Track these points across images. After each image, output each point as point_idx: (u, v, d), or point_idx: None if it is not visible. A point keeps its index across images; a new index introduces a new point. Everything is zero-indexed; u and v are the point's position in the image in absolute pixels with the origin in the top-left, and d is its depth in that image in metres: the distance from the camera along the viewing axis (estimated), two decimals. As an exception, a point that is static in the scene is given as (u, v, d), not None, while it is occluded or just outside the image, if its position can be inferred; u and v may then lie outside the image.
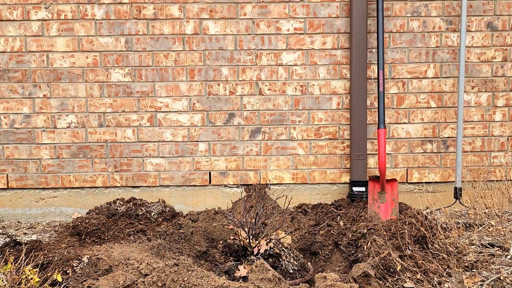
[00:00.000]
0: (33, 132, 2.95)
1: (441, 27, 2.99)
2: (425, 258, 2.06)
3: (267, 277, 1.77)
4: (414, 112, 3.04)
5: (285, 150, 3.03)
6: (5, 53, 2.90)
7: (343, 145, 3.04)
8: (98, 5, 2.89)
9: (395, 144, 3.05)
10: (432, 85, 3.02)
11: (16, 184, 2.97)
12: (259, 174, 3.03)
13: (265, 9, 2.94)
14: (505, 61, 3.03)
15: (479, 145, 3.07)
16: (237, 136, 3.01)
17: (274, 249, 2.12)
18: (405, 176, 3.07)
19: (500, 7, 2.99)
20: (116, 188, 2.99)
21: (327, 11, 2.96)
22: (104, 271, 1.92)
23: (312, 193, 3.06)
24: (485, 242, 2.36)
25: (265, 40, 2.96)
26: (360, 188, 2.95)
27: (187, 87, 2.97)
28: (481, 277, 1.96)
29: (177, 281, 1.71)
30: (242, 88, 2.98)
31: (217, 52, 2.95)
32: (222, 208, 2.97)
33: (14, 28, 2.89)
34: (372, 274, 1.89)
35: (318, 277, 1.89)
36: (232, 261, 2.07)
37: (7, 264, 1.79)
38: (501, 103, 3.05)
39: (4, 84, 2.92)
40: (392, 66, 3.00)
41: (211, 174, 3.03)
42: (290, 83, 2.99)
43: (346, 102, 3.02)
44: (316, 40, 2.97)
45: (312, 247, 2.43)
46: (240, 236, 2.16)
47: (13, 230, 2.78)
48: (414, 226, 2.22)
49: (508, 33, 3.01)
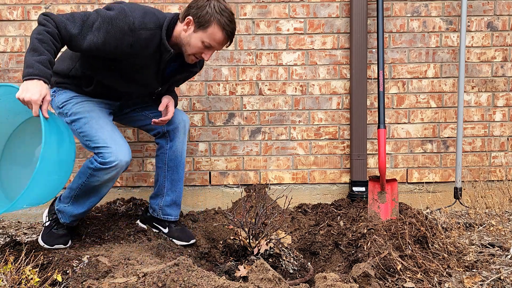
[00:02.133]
0: (33, 132, 2.95)
1: (441, 27, 2.99)
2: (425, 258, 2.06)
3: (267, 277, 1.77)
4: (414, 112, 3.04)
5: (285, 150, 3.03)
6: (5, 53, 2.90)
7: (343, 145, 3.04)
8: (98, 5, 2.89)
9: (395, 144, 3.05)
10: (432, 85, 3.02)
11: (16, 184, 2.97)
12: (259, 174, 3.03)
13: (265, 9, 2.94)
14: (505, 61, 3.03)
15: (479, 145, 3.07)
16: (237, 136, 3.01)
17: (274, 249, 2.12)
18: (405, 176, 3.07)
19: (500, 7, 2.99)
20: (116, 188, 2.98)
21: (327, 11, 2.96)
22: (104, 271, 1.92)
23: (312, 193, 3.06)
24: (485, 242, 2.36)
25: (265, 40, 2.96)
26: (360, 188, 2.95)
27: (187, 87, 2.97)
28: (481, 277, 1.96)
29: (177, 281, 1.71)
30: (242, 88, 2.98)
31: (217, 52, 2.95)
32: (222, 208, 2.97)
33: (14, 28, 2.89)
34: (372, 274, 1.89)
35: (318, 277, 1.89)
36: (232, 261, 2.07)
37: (7, 264, 1.79)
38: (501, 103, 3.05)
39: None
40: (392, 66, 3.00)
41: (211, 174, 3.03)
42: (290, 83, 2.99)
43: (346, 102, 3.02)
44: (316, 40, 2.97)
45: (312, 247, 2.43)
46: (240, 236, 2.17)
47: (13, 230, 2.78)
48: (414, 226, 2.22)
49: (508, 33, 3.01)
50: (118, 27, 1.99)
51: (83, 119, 2.19)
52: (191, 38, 2.09)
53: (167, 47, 2.09)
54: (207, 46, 2.10)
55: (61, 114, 2.27)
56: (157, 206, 2.50)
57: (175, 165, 2.46)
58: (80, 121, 2.19)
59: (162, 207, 2.50)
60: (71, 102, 2.24)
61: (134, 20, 2.01)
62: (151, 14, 2.09)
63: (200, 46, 2.09)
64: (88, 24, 1.97)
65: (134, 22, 2.01)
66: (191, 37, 2.09)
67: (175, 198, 2.49)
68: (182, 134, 2.46)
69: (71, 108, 2.23)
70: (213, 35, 2.06)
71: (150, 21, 2.06)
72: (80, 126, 2.18)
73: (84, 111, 2.21)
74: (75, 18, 1.97)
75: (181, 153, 2.47)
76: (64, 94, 2.27)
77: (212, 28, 2.04)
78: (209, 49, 2.12)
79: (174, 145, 2.45)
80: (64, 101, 2.25)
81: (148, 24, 2.05)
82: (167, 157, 2.45)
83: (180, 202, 2.53)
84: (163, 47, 2.09)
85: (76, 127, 2.20)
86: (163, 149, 2.47)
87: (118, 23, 1.99)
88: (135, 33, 2.02)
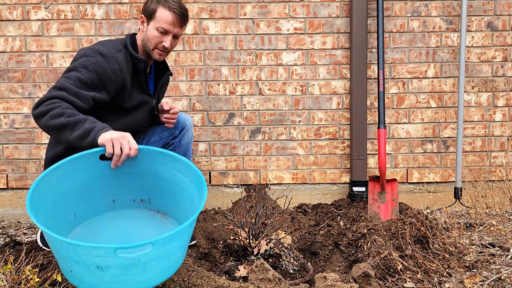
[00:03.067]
0: (33, 132, 2.95)
1: (441, 27, 2.99)
2: (426, 258, 2.06)
3: (267, 277, 1.77)
4: (414, 112, 3.03)
5: (285, 150, 3.03)
6: (5, 53, 2.90)
7: (343, 145, 3.04)
8: (98, 5, 2.89)
9: (395, 144, 3.05)
10: (432, 85, 3.02)
11: (16, 184, 2.97)
12: (259, 174, 3.03)
13: (265, 9, 2.94)
14: (505, 61, 3.02)
15: (479, 145, 3.07)
16: (237, 136, 3.01)
17: (274, 249, 2.12)
18: (405, 176, 3.07)
19: (500, 7, 2.99)
20: (116, 188, 2.98)
21: (327, 11, 2.96)
22: (104, 271, 1.91)
23: (312, 193, 3.06)
24: (485, 242, 2.36)
25: (265, 40, 2.96)
26: (360, 188, 2.95)
27: (187, 87, 2.97)
28: (481, 277, 1.96)
29: (177, 281, 1.71)
30: (242, 88, 2.98)
31: (217, 52, 2.95)
32: (222, 208, 2.97)
33: (14, 28, 2.89)
34: (372, 274, 1.89)
35: (318, 277, 1.88)
36: (232, 261, 2.07)
37: (7, 264, 1.79)
38: (501, 103, 3.05)
39: (4, 84, 2.92)
40: (392, 66, 3.00)
41: (211, 174, 3.02)
42: (290, 83, 2.99)
43: (346, 102, 3.01)
44: (316, 40, 2.97)
45: (312, 247, 2.42)
46: (240, 236, 2.16)
47: (13, 230, 2.78)
48: (414, 226, 2.22)
49: (508, 33, 3.01)
50: (100, 64, 2.00)
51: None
52: (147, 32, 2.15)
53: (136, 56, 2.14)
54: (162, 32, 2.14)
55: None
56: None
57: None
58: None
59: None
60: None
61: (103, 51, 2.04)
62: (108, 42, 2.14)
63: (156, 34, 2.13)
64: (86, 83, 1.97)
65: (105, 52, 2.04)
66: (147, 31, 2.15)
67: None
68: (188, 131, 2.47)
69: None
70: (162, 18, 2.11)
71: (115, 45, 2.11)
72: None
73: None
74: (71, 90, 1.91)
75: (187, 146, 2.48)
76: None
77: (159, 12, 2.11)
78: (166, 34, 2.15)
79: (183, 139, 2.45)
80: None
81: (116, 47, 2.10)
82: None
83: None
84: (134, 59, 2.14)
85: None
86: (172, 145, 2.46)
87: (98, 61, 2.00)
88: (114, 57, 2.05)
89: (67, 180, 1.69)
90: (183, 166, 1.73)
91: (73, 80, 1.92)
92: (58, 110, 1.78)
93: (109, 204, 1.83)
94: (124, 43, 2.15)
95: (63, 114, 1.77)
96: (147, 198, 1.84)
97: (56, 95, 1.84)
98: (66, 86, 1.88)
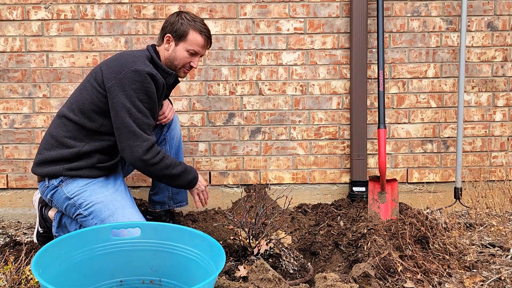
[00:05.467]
0: (33, 132, 2.95)
1: (441, 27, 2.99)
2: (426, 258, 2.06)
3: (267, 277, 1.77)
4: (414, 112, 3.03)
5: (285, 150, 3.03)
6: (5, 53, 2.90)
7: (343, 145, 3.04)
8: (98, 5, 2.89)
9: (395, 144, 3.05)
10: (432, 85, 3.02)
11: (16, 184, 2.97)
12: (259, 174, 3.03)
13: (265, 9, 2.94)
14: (506, 61, 3.02)
15: (479, 145, 3.06)
16: (237, 136, 3.01)
17: (274, 249, 2.12)
18: (405, 176, 3.07)
19: (500, 7, 2.99)
20: (116, 188, 2.98)
21: (327, 11, 2.96)
22: (104, 271, 1.91)
23: (312, 193, 3.05)
24: (485, 242, 2.36)
25: (265, 40, 2.96)
26: (360, 188, 2.95)
27: (187, 87, 2.97)
28: (481, 277, 1.95)
29: (177, 281, 1.71)
30: (242, 88, 2.98)
31: (217, 52, 2.95)
32: (222, 208, 2.97)
33: (14, 28, 2.89)
34: (372, 274, 1.89)
35: (318, 277, 1.88)
36: (232, 261, 2.07)
37: (7, 264, 1.79)
38: (501, 103, 3.05)
39: (4, 84, 2.92)
40: (392, 66, 3.00)
41: (211, 174, 3.02)
42: (290, 83, 2.99)
43: (346, 102, 3.01)
44: (316, 40, 2.97)
45: (312, 247, 2.42)
46: (240, 236, 2.16)
47: (13, 230, 2.78)
48: (414, 226, 2.22)
49: (508, 33, 3.01)
50: (143, 85, 2.06)
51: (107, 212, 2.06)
52: (176, 52, 2.20)
53: (167, 71, 2.20)
54: (192, 54, 2.21)
55: (71, 206, 2.10)
56: (165, 198, 2.52)
57: (176, 151, 2.52)
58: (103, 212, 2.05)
59: (171, 197, 2.52)
60: (86, 190, 2.11)
61: (148, 70, 2.07)
62: (138, 56, 2.14)
63: (186, 55, 2.20)
64: (141, 111, 2.07)
65: (150, 71, 2.08)
66: (175, 51, 2.20)
67: None
68: (176, 123, 2.54)
69: (87, 198, 2.09)
70: (195, 41, 2.19)
71: (142, 60, 2.12)
72: (103, 219, 2.04)
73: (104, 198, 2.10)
74: (142, 126, 2.07)
75: (179, 139, 2.54)
76: (75, 183, 2.12)
77: (191, 35, 2.18)
78: (195, 56, 2.23)
79: (173, 131, 2.50)
80: (76, 191, 2.10)
81: (144, 62, 2.11)
82: (168, 146, 2.49)
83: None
84: (163, 73, 2.19)
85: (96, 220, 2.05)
86: (164, 141, 2.49)
87: (141, 84, 2.06)
88: (153, 77, 2.09)
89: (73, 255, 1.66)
90: (199, 240, 1.71)
91: (145, 116, 2.08)
92: (167, 162, 2.10)
93: (116, 286, 1.77)
94: (150, 57, 2.18)
95: (172, 164, 2.12)
96: (157, 280, 1.78)
97: (153, 141, 2.08)
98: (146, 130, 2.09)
